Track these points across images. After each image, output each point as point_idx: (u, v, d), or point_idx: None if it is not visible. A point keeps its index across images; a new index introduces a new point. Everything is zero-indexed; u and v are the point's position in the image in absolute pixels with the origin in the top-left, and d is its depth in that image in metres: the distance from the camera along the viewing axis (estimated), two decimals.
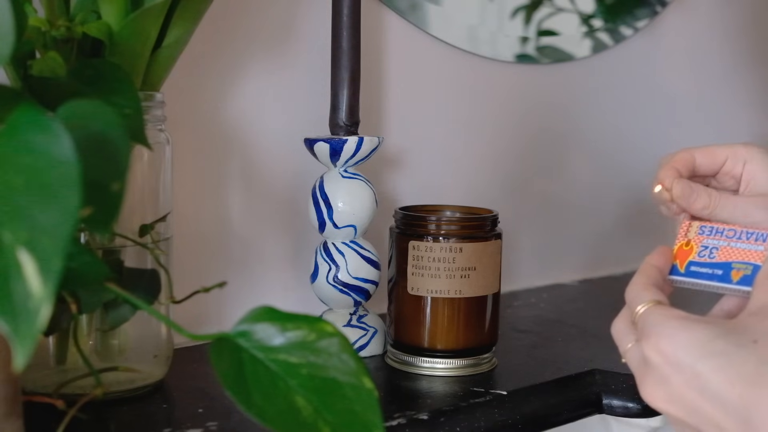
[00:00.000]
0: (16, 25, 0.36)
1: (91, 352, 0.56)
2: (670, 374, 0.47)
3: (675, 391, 0.47)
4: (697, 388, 0.46)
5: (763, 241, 0.54)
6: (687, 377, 0.47)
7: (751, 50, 1.23)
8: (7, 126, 0.33)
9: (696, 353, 0.47)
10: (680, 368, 0.47)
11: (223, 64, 0.73)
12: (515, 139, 0.96)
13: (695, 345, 0.47)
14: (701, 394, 0.46)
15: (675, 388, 0.47)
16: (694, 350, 0.47)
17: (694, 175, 0.64)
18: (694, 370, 0.46)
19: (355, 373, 0.38)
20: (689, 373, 0.46)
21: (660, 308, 0.51)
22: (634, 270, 0.60)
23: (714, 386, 0.46)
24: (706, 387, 0.46)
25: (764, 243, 0.54)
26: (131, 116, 0.44)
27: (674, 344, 0.48)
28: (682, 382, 0.47)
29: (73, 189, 0.31)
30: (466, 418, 0.56)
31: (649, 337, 0.49)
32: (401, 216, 0.68)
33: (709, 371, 0.46)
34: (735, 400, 0.45)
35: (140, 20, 0.53)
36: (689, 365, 0.46)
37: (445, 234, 0.66)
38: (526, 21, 0.95)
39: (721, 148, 0.64)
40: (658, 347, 0.48)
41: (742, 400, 0.45)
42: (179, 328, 0.40)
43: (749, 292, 0.51)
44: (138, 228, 0.57)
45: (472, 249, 0.65)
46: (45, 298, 0.30)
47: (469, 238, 0.66)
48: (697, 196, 0.61)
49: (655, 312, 0.50)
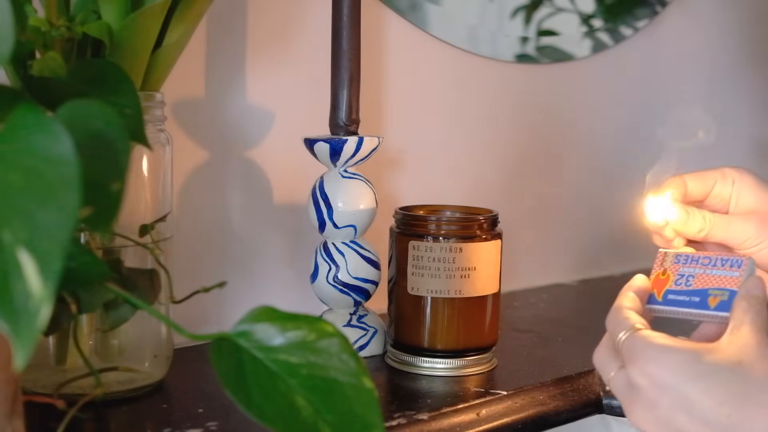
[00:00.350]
0: (16, 25, 0.36)
1: (91, 352, 0.56)
2: (657, 397, 0.48)
3: (663, 414, 0.47)
4: (686, 409, 0.47)
5: (738, 267, 0.55)
6: (675, 399, 0.47)
7: (751, 50, 1.23)
8: (7, 126, 0.33)
9: (683, 375, 0.47)
10: (668, 391, 0.47)
11: (223, 64, 0.73)
12: (515, 139, 0.96)
13: (681, 367, 0.47)
14: (690, 416, 0.46)
15: (663, 411, 0.47)
16: (680, 372, 0.47)
17: (687, 200, 0.66)
18: (682, 392, 0.47)
19: (355, 373, 0.38)
20: (677, 395, 0.47)
21: (643, 333, 0.51)
22: (634, 270, 0.60)
23: (702, 407, 0.46)
24: (694, 408, 0.46)
25: (739, 269, 0.55)
26: (131, 116, 0.44)
27: (660, 367, 0.48)
28: (670, 404, 0.47)
29: (73, 189, 0.31)
30: (466, 418, 0.56)
31: (635, 362, 0.49)
32: (401, 216, 0.68)
33: (697, 393, 0.46)
34: (723, 421, 0.45)
35: (140, 20, 0.53)
36: (676, 387, 0.47)
37: (445, 234, 0.66)
38: (526, 21, 0.95)
39: (711, 172, 0.66)
40: (645, 371, 0.48)
41: (730, 419, 0.45)
42: (179, 328, 0.40)
43: (727, 318, 0.51)
44: (138, 228, 0.56)
45: (472, 249, 0.65)
46: (45, 298, 0.30)
47: (469, 238, 0.66)
48: (693, 219, 0.63)
49: (639, 337, 0.50)
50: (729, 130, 1.22)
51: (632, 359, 0.50)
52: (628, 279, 0.57)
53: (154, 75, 0.58)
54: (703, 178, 0.66)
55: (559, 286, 0.99)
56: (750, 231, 0.62)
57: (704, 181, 0.66)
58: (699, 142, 0.73)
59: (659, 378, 0.48)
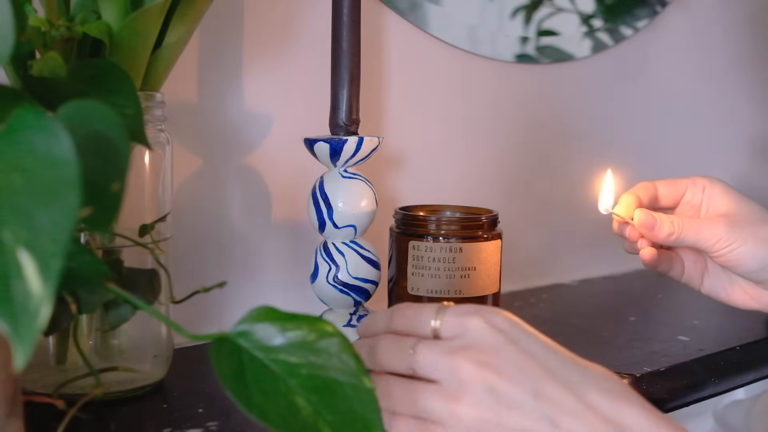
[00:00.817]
0: (16, 25, 0.36)
1: (91, 352, 0.56)
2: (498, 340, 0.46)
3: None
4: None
5: None
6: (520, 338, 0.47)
7: (751, 50, 1.23)
8: (7, 126, 0.33)
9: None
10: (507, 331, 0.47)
11: (223, 64, 0.73)
12: (515, 138, 0.96)
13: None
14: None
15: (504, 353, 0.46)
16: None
17: (657, 206, 0.67)
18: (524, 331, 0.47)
19: (355, 373, 0.38)
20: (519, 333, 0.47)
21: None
22: (634, 270, 0.61)
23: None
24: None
25: None
26: (131, 116, 0.44)
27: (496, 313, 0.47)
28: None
29: (73, 189, 0.31)
30: None
31: (479, 313, 0.47)
32: (401, 216, 0.68)
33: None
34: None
35: (140, 20, 0.53)
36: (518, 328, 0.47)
37: (445, 234, 0.66)
38: (526, 21, 0.95)
39: (682, 179, 0.67)
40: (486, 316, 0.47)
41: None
42: (179, 328, 0.40)
43: None
44: (138, 228, 0.56)
45: (472, 249, 0.65)
46: (45, 298, 0.30)
47: (469, 238, 0.66)
48: (660, 224, 0.63)
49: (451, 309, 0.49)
50: (729, 130, 1.22)
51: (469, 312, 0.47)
52: (628, 279, 0.57)
53: (154, 75, 0.58)
54: (674, 184, 0.68)
55: (559, 286, 0.99)
56: (720, 233, 0.63)
57: (675, 187, 0.67)
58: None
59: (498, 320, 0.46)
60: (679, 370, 0.68)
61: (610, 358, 0.70)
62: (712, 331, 0.80)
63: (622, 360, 0.69)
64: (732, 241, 0.62)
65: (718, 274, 0.68)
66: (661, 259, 0.67)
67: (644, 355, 0.71)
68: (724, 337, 0.77)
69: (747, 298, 0.67)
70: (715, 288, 0.68)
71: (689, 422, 0.83)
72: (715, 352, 0.72)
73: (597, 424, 0.42)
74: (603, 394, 0.43)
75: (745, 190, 0.67)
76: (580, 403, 0.43)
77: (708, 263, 0.68)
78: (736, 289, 0.67)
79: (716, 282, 0.68)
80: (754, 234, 0.63)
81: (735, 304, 0.68)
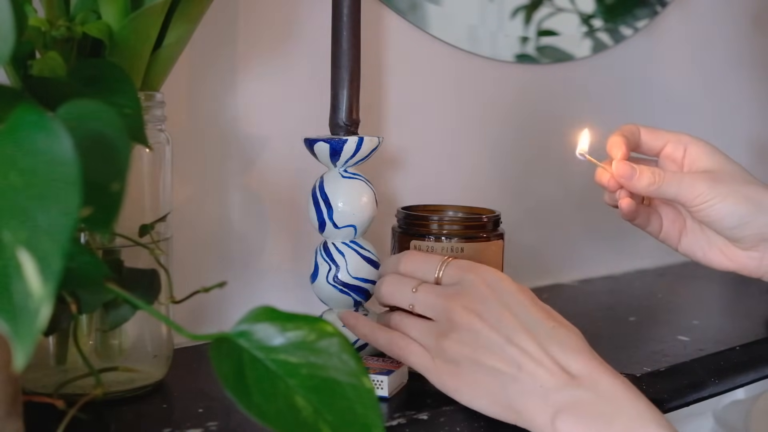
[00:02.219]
0: (16, 25, 0.36)
1: (91, 352, 0.56)
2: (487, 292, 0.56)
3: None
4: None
5: None
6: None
7: (751, 50, 1.23)
8: (7, 126, 0.33)
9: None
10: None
11: (223, 64, 0.73)
12: (515, 139, 0.96)
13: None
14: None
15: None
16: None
17: (638, 149, 0.67)
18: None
19: (355, 373, 0.38)
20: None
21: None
22: (634, 270, 0.61)
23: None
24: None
25: None
26: (131, 116, 0.44)
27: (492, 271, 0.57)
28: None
29: (73, 189, 0.31)
30: (466, 418, 0.56)
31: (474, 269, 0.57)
32: (403, 216, 0.68)
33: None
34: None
35: (140, 20, 0.53)
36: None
37: (447, 234, 0.66)
38: (526, 21, 0.95)
39: (666, 132, 0.68)
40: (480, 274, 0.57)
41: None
42: (179, 328, 0.40)
43: None
44: (138, 228, 0.56)
45: (474, 249, 0.65)
46: (45, 298, 0.30)
47: (471, 238, 0.66)
48: (640, 174, 0.64)
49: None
50: (728, 130, 1.22)
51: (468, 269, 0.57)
52: (628, 279, 0.57)
53: (154, 75, 0.58)
54: (656, 134, 0.69)
55: (559, 286, 0.99)
56: (701, 188, 0.63)
57: (657, 137, 0.68)
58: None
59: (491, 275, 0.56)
60: (679, 370, 0.68)
61: (610, 358, 0.69)
62: (712, 331, 0.80)
63: (622, 360, 0.69)
64: (713, 196, 0.63)
65: (696, 234, 0.69)
66: (639, 212, 0.68)
67: (644, 355, 0.71)
68: (724, 337, 0.77)
69: (723, 259, 0.68)
70: (692, 247, 0.70)
71: (689, 422, 0.83)
72: (715, 352, 0.72)
73: (553, 369, 0.52)
74: (561, 347, 0.53)
75: None
76: (542, 352, 0.52)
77: (687, 222, 0.69)
78: (713, 249, 0.68)
79: (694, 241, 0.69)
80: (736, 191, 0.63)
81: (711, 265, 0.70)
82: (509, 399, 0.53)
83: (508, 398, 0.53)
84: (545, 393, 0.51)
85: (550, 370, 0.52)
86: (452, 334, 0.55)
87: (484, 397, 0.54)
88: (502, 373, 0.53)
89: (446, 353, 0.55)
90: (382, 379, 0.58)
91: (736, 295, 1.00)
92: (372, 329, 0.60)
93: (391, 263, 0.62)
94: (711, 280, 1.05)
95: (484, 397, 0.54)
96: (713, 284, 1.04)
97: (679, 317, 0.85)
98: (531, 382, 0.52)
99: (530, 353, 0.52)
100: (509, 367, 0.52)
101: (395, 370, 0.60)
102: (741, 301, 0.96)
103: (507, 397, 0.53)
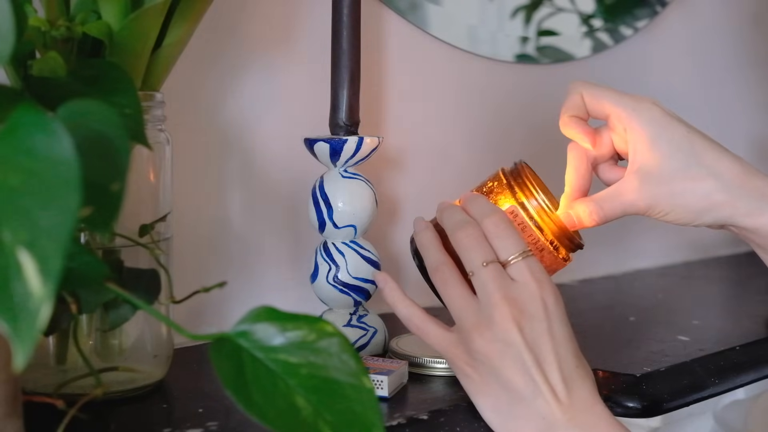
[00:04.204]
0: (16, 25, 0.36)
1: (91, 352, 0.56)
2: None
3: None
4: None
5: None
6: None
7: (751, 50, 1.23)
8: (7, 126, 0.33)
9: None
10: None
11: (223, 64, 0.73)
12: (515, 139, 0.96)
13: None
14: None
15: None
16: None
17: (588, 119, 0.67)
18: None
19: (355, 373, 0.38)
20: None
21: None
22: (634, 270, 0.61)
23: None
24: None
25: None
26: (131, 116, 0.44)
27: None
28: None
29: (73, 189, 0.31)
30: (466, 418, 0.56)
31: (538, 281, 0.55)
32: (528, 174, 0.68)
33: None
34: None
35: (140, 20, 0.53)
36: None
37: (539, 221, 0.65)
38: (526, 21, 0.95)
39: (606, 102, 0.66)
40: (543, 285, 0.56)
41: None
42: (179, 328, 0.40)
43: None
44: (138, 228, 0.56)
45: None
46: (45, 298, 0.30)
47: (553, 246, 0.65)
48: (578, 219, 0.66)
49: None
50: (728, 130, 1.22)
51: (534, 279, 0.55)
52: (628, 279, 0.57)
53: (154, 75, 0.58)
54: (598, 104, 0.67)
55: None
56: (642, 206, 0.62)
57: (599, 107, 0.67)
58: None
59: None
60: (679, 370, 0.68)
61: (610, 358, 0.70)
62: (712, 331, 0.80)
63: (622, 360, 0.69)
64: (659, 210, 0.62)
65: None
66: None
67: (644, 355, 0.70)
68: (724, 337, 0.77)
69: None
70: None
71: (689, 422, 0.83)
72: (715, 352, 0.72)
73: (565, 406, 0.52)
74: (576, 386, 0.53)
75: None
76: (562, 386, 0.52)
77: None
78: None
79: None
80: (683, 190, 0.60)
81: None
82: (511, 415, 0.53)
83: (510, 416, 0.53)
84: (547, 425, 0.52)
85: (562, 406, 0.52)
86: (487, 332, 0.53)
87: (489, 404, 0.54)
88: (517, 390, 0.52)
89: (472, 345, 0.54)
90: (381, 379, 0.58)
91: (736, 295, 1.00)
92: (395, 299, 0.59)
93: (481, 206, 0.59)
94: (711, 280, 1.05)
95: (489, 405, 0.54)
96: (713, 284, 1.04)
97: (679, 317, 0.85)
98: (539, 411, 0.52)
99: (552, 384, 0.52)
100: (527, 387, 0.52)
101: (395, 370, 0.60)
102: (741, 301, 0.96)
103: (510, 414, 0.53)
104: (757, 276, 1.05)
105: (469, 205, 0.60)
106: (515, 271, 0.55)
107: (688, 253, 1.15)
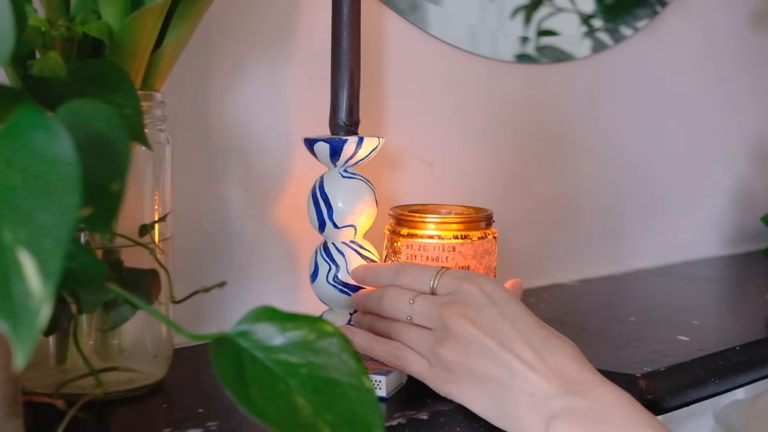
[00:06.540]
0: (16, 25, 0.36)
1: (91, 352, 0.56)
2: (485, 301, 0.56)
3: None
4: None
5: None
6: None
7: (751, 50, 1.23)
8: (7, 126, 0.33)
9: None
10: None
11: (223, 64, 0.73)
12: (515, 139, 0.96)
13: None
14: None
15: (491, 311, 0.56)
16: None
17: None
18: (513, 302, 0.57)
19: (355, 373, 0.39)
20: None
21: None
22: (634, 270, 0.61)
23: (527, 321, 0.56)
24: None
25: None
26: (131, 116, 0.44)
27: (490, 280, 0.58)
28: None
29: (73, 189, 0.31)
30: (466, 418, 0.56)
31: (470, 279, 0.58)
32: (396, 215, 0.69)
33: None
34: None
35: (140, 20, 0.53)
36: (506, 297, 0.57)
37: (438, 233, 0.66)
38: (526, 21, 0.95)
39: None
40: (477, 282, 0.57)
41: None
42: (179, 328, 0.40)
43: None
44: (138, 228, 0.56)
45: (466, 248, 0.65)
46: (45, 298, 0.30)
47: (463, 237, 0.66)
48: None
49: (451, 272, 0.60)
50: (729, 129, 1.22)
51: (465, 278, 0.57)
52: (628, 279, 0.57)
53: (154, 75, 0.58)
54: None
55: (559, 286, 1.00)
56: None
57: None
58: None
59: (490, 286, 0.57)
60: (679, 370, 0.68)
61: (610, 358, 0.70)
62: (712, 331, 0.80)
63: (622, 360, 0.69)
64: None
65: None
66: None
67: (644, 355, 0.71)
68: (724, 337, 0.77)
69: None
70: None
71: (689, 422, 0.83)
72: (715, 352, 0.72)
73: (546, 375, 0.52)
74: (554, 354, 0.53)
75: (745, 190, 0.67)
76: (537, 358, 0.53)
77: None
78: None
79: None
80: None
81: None
82: (502, 406, 0.53)
83: (501, 405, 0.54)
84: (538, 400, 0.52)
85: (544, 376, 0.52)
86: (447, 342, 0.56)
87: (479, 404, 0.55)
88: (495, 380, 0.53)
89: (442, 361, 0.56)
90: (380, 379, 0.58)
91: (736, 295, 1.00)
92: (369, 342, 0.61)
93: (387, 275, 0.62)
94: (711, 280, 1.05)
95: (479, 404, 0.55)
96: (713, 284, 1.04)
97: (679, 317, 0.85)
98: (523, 389, 0.53)
99: (524, 359, 0.53)
100: (502, 373, 0.53)
101: (394, 370, 0.60)
102: (741, 301, 0.96)
103: (500, 404, 0.54)
104: (757, 276, 1.05)
105: (375, 281, 0.64)
106: (442, 288, 0.58)
107: (688, 253, 1.15)
